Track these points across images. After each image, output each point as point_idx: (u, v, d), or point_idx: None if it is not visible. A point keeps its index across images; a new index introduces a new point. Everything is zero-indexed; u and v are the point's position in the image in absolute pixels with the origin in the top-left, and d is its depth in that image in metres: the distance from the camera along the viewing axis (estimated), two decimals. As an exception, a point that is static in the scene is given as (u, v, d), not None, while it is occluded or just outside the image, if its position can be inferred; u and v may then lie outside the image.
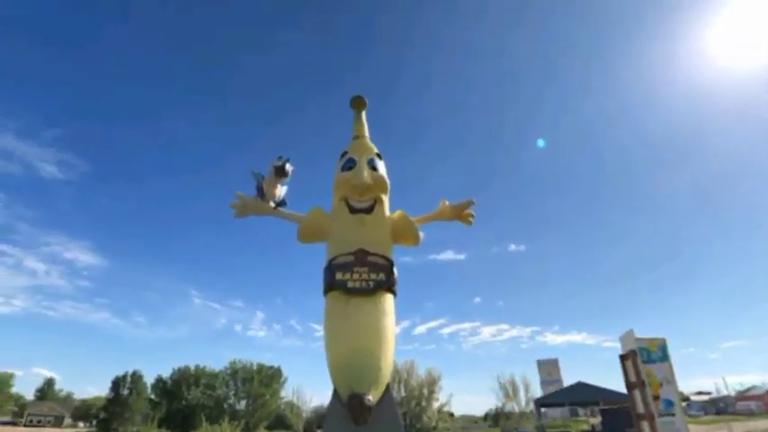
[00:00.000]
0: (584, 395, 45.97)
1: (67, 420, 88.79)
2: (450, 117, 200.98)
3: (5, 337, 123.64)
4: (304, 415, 46.74)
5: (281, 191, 7.85)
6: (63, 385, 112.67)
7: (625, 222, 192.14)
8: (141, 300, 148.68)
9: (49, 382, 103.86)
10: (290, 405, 48.88)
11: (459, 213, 8.25)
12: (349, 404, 5.79)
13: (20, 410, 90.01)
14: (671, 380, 9.56)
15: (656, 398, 9.41)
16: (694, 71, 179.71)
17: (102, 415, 68.05)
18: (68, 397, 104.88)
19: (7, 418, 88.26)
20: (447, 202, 8.34)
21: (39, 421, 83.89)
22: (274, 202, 7.89)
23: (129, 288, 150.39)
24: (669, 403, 9.39)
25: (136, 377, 68.85)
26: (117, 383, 67.46)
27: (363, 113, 8.09)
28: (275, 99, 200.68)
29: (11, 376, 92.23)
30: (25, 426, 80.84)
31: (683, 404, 31.04)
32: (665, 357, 9.76)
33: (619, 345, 10.54)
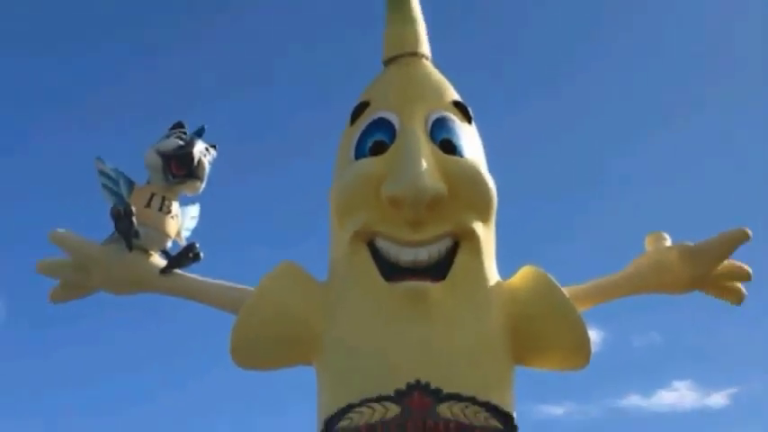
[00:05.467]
0: None
1: None
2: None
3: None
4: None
5: (180, 221, 3.80)
6: None
7: None
8: None
9: None
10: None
11: (704, 274, 3.72)
12: None
13: None
14: None
15: None
16: None
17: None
18: None
19: None
20: (668, 240, 3.99)
21: None
22: (165, 253, 3.69)
23: None
24: None
25: None
26: None
27: None
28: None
29: None
30: None
31: None
32: None
33: None
